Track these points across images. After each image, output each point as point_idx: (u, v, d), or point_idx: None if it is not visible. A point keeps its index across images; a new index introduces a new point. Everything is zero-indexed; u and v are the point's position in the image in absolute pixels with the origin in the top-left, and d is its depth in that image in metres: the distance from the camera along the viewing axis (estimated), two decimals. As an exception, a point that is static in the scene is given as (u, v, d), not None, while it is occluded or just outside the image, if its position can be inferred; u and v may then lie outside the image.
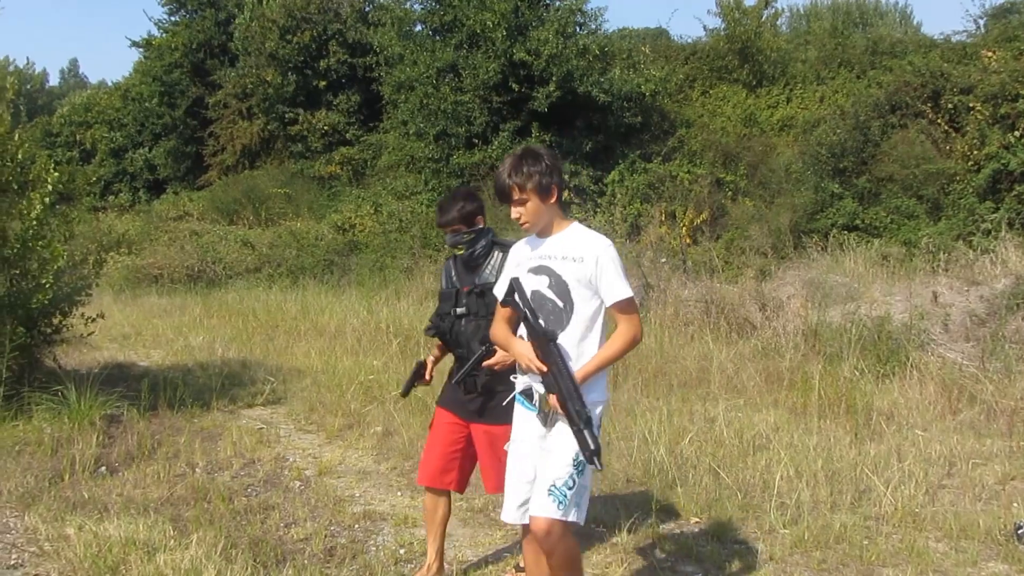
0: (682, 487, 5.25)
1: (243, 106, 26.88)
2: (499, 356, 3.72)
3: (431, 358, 4.26)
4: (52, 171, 7.49)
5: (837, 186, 14.59)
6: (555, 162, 3.21)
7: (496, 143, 18.20)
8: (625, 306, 3.18)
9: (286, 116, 25.31)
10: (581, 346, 3.19)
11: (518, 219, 3.20)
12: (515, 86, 18.12)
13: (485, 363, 3.78)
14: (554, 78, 17.77)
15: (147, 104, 29.65)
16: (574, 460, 3.13)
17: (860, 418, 6.43)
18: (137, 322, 11.90)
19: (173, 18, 31.61)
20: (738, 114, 19.66)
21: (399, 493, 5.46)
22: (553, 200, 3.20)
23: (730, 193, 16.75)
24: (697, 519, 4.88)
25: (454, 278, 4.06)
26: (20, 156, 7.45)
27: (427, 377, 4.22)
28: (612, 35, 22.07)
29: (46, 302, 7.12)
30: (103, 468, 5.70)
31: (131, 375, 8.49)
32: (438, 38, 20.17)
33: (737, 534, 4.68)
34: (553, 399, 3.05)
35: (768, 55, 20.86)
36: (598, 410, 3.23)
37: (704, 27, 26.88)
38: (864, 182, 14.61)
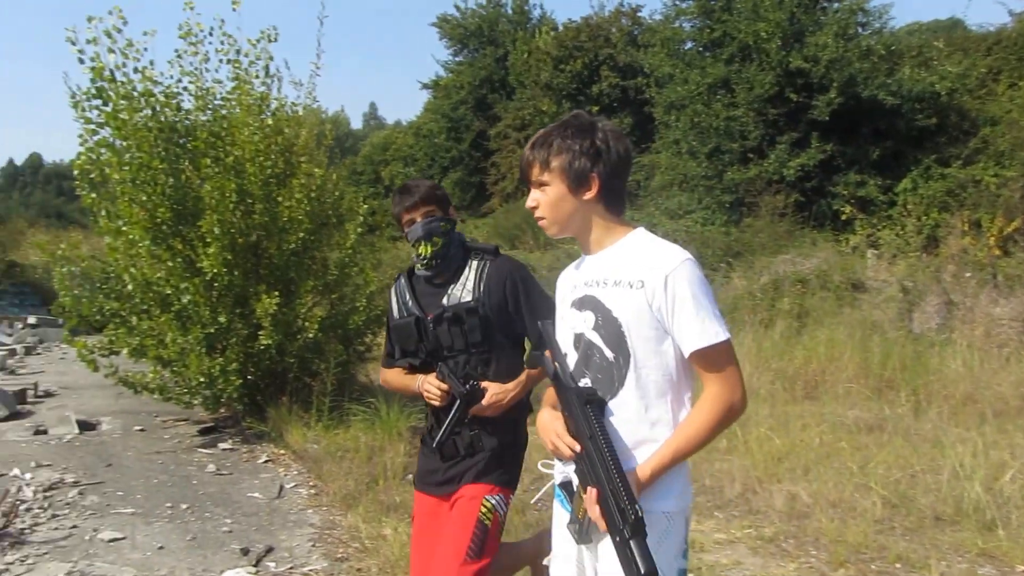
0: (1004, 529, 4.71)
1: (521, 136, 28.30)
2: (491, 395, 2.78)
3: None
4: (363, 204, 8.41)
5: None
6: (614, 145, 2.08)
7: (773, 156, 17.59)
8: (716, 356, 1.98)
9: (561, 142, 26.30)
10: (645, 422, 2.03)
11: (533, 209, 2.16)
12: (792, 96, 17.43)
13: (473, 410, 2.79)
14: (835, 84, 16.86)
15: (436, 140, 32.24)
16: None
17: None
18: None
19: (457, 59, 34.16)
20: (1056, 107, 17.36)
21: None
22: (591, 196, 2.08)
23: (1048, 197, 14.83)
24: (1024, 566, 4.37)
25: (409, 303, 2.93)
26: (336, 194, 8.43)
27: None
28: (899, 32, 20.56)
29: (360, 323, 7.98)
30: (410, 475, 6.22)
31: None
32: (708, 54, 19.94)
33: (1076, 586, 4.13)
34: (591, 495, 1.89)
35: (1094, 36, 18.29)
36: (672, 521, 2.03)
37: (1009, 12, 24.25)
38: None
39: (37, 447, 6.98)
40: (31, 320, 15.55)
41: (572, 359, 2.13)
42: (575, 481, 2.03)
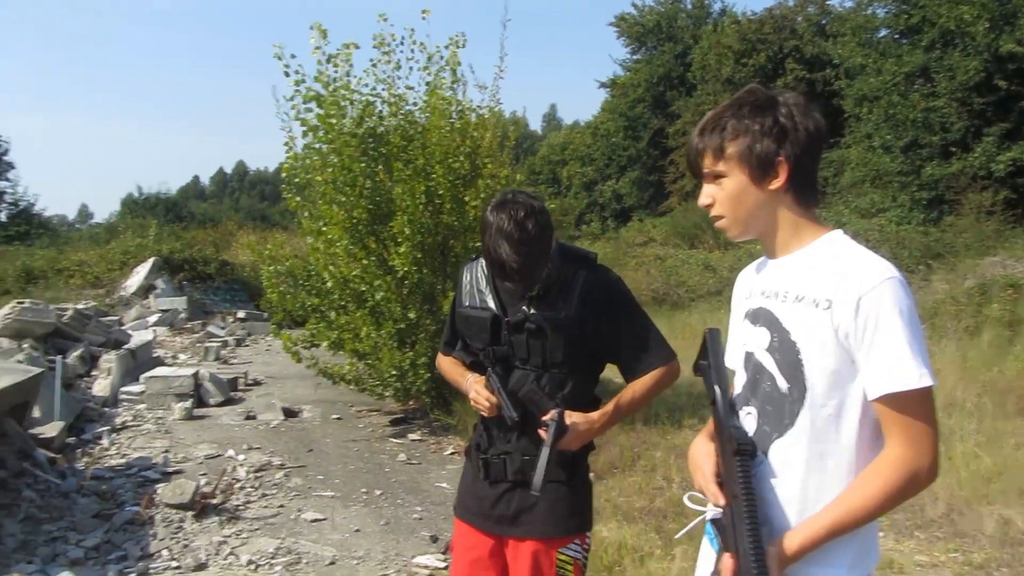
0: None
1: (699, 133, 27.79)
2: (580, 423, 2.30)
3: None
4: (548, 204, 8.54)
5: None
6: (801, 121, 1.67)
7: (979, 150, 16.29)
8: (909, 406, 1.54)
9: (742, 138, 25.63)
10: (817, 473, 1.64)
11: (707, 207, 1.78)
12: (1002, 84, 16.07)
13: (560, 444, 2.26)
14: (1055, 69, 15.39)
15: (613, 139, 32.25)
16: None
17: None
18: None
19: (635, 57, 33.92)
20: None
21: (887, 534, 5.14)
22: (779, 185, 1.67)
23: None
24: None
25: (487, 293, 2.45)
26: (520, 195, 8.60)
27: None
28: None
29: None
30: (591, 474, 6.26)
31: (608, 391, 9.21)
32: (905, 42, 18.71)
33: None
34: (727, 563, 1.60)
35: None
36: None
37: None
38: None
39: (248, 431, 7.59)
40: (241, 314, 16.90)
41: (740, 381, 1.80)
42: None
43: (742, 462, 1.59)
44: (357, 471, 6.45)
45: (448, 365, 2.63)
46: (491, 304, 2.42)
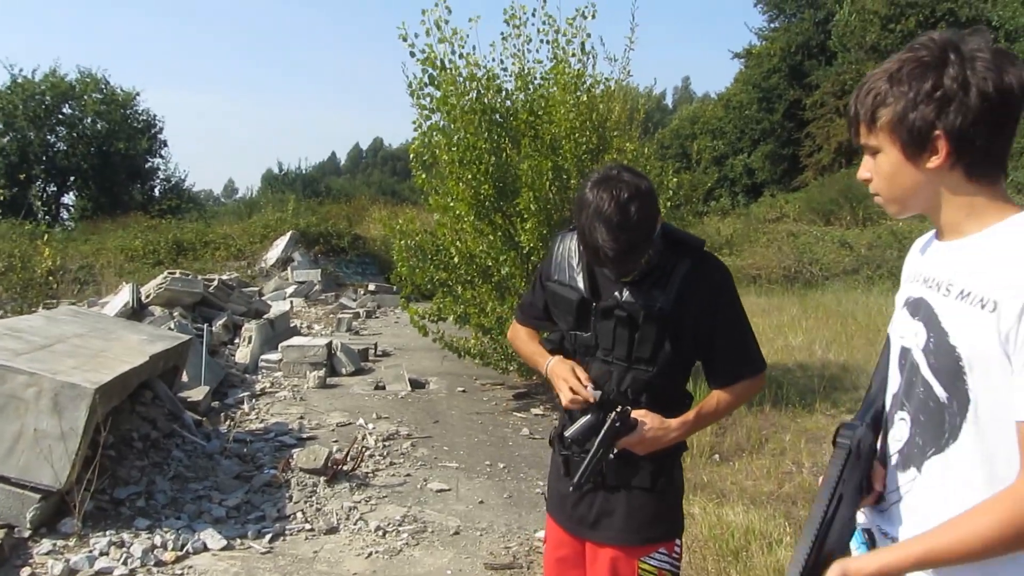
0: None
1: (840, 103, 26.51)
2: (652, 430, 2.10)
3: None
4: (672, 178, 8.36)
5: None
6: (978, 81, 1.33)
7: None
8: None
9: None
10: (985, 495, 1.32)
11: (866, 182, 1.53)
12: None
13: (621, 442, 2.09)
14: None
15: (746, 111, 31.16)
16: None
17: None
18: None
19: (772, 25, 32.62)
20: None
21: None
22: (937, 164, 1.38)
23: None
24: None
25: (577, 272, 2.22)
26: (647, 168, 8.45)
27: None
28: None
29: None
30: (716, 456, 6.13)
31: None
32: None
33: None
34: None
35: None
36: None
37: None
38: None
39: (377, 400, 7.82)
40: (371, 287, 17.44)
41: (894, 380, 1.54)
42: (876, 530, 1.56)
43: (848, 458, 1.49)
44: (481, 444, 6.54)
45: (524, 336, 2.45)
46: (580, 284, 2.19)
